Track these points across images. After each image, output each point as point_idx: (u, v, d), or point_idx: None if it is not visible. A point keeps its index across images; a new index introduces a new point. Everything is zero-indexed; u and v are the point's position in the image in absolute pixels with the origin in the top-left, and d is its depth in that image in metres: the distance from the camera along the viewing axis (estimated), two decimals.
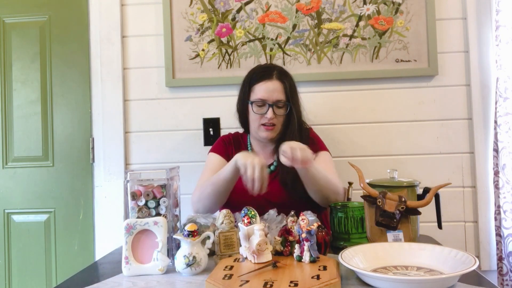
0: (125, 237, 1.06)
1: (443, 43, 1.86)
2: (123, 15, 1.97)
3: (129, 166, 1.96)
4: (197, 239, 1.03)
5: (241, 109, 1.56)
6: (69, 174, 1.99)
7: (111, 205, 1.94)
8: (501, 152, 1.73)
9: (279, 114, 1.47)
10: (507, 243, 1.70)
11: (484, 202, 1.83)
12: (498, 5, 1.74)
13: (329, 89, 1.90)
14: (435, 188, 1.15)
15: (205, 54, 1.92)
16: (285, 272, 0.93)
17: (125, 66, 1.97)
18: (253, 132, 1.55)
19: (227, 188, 1.37)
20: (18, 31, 2.02)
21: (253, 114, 1.50)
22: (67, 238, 1.98)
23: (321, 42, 1.89)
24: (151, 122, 1.95)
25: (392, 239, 1.08)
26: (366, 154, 1.88)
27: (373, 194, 1.12)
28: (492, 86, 1.82)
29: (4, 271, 1.99)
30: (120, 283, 1.00)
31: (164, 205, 1.11)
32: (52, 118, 2.00)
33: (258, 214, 1.07)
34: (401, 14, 1.86)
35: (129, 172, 1.13)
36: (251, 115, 1.51)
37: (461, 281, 0.90)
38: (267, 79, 1.47)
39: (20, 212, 2.00)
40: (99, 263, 1.23)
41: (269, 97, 1.46)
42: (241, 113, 1.57)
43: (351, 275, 0.96)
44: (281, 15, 1.90)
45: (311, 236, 0.97)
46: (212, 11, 1.92)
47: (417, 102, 1.88)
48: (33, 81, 2.01)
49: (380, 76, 1.87)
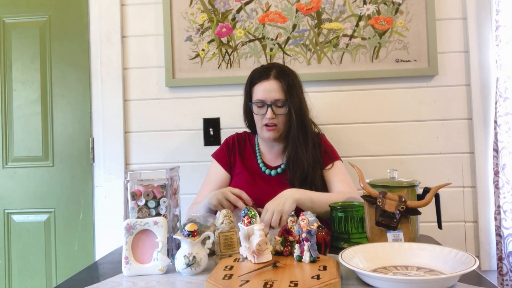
0: (125, 237, 1.06)
1: (443, 43, 1.86)
2: (123, 15, 1.97)
3: (129, 166, 1.96)
4: (197, 239, 1.03)
5: (246, 111, 1.58)
6: (69, 174, 1.99)
7: (111, 205, 1.94)
8: (501, 152, 1.73)
9: (279, 114, 1.47)
10: (507, 243, 1.70)
11: (484, 202, 1.83)
12: (498, 5, 1.74)
13: (329, 89, 1.90)
14: (435, 188, 1.15)
15: (205, 54, 1.92)
16: (285, 272, 0.93)
17: (125, 66, 1.97)
18: (258, 133, 1.57)
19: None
20: (18, 31, 2.02)
21: (255, 115, 1.52)
22: (67, 238, 1.98)
23: (321, 42, 1.89)
24: (151, 122, 1.95)
25: (392, 239, 1.08)
26: (366, 154, 1.88)
27: (373, 194, 1.12)
28: (492, 86, 1.82)
29: (4, 271, 1.99)
30: (120, 283, 1.00)
31: (164, 205, 1.11)
32: (52, 118, 2.00)
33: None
34: (401, 14, 1.86)
35: (129, 172, 1.13)
36: (254, 116, 1.53)
37: (461, 281, 0.90)
38: (264, 79, 1.48)
39: (20, 212, 2.00)
40: (99, 263, 1.23)
41: (267, 97, 1.46)
42: (247, 115, 1.58)
43: (351, 275, 0.96)
44: (281, 15, 1.90)
45: (311, 236, 0.97)
46: (212, 11, 1.91)
47: (417, 102, 1.88)
48: (33, 81, 2.01)
49: (380, 76, 1.87)
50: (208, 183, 1.59)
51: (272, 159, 1.57)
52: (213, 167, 1.61)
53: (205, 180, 1.61)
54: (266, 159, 1.57)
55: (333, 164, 1.53)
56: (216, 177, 1.58)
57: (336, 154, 1.58)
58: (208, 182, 1.59)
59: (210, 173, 1.62)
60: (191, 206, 1.52)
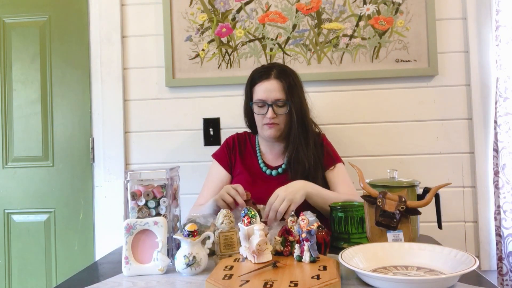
0: (125, 237, 1.06)
1: (443, 43, 1.86)
2: (123, 15, 1.97)
3: (129, 166, 1.96)
4: (197, 239, 1.03)
5: (247, 111, 1.58)
6: (69, 174, 1.99)
7: (111, 205, 1.94)
8: (501, 152, 1.73)
9: (280, 113, 1.47)
10: (507, 243, 1.70)
11: (484, 202, 1.83)
12: (498, 5, 1.74)
13: (329, 89, 1.90)
14: (435, 188, 1.15)
15: (205, 54, 1.92)
16: (285, 272, 0.93)
17: (125, 66, 1.97)
18: (259, 132, 1.57)
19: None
20: (18, 31, 2.02)
21: (256, 115, 1.52)
22: (67, 238, 1.98)
23: (321, 42, 1.88)
24: (151, 122, 1.95)
25: (392, 239, 1.08)
26: (366, 154, 1.88)
27: (373, 194, 1.12)
28: (492, 86, 1.82)
29: (4, 271, 1.99)
30: (120, 283, 1.00)
31: (164, 205, 1.11)
32: (52, 118, 2.00)
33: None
34: (401, 14, 1.86)
35: (129, 172, 1.13)
36: (255, 116, 1.53)
37: (461, 281, 0.90)
38: (265, 79, 1.48)
39: (20, 212, 2.00)
40: (99, 263, 1.23)
41: (267, 97, 1.46)
42: (247, 115, 1.58)
43: (351, 275, 0.96)
44: (281, 15, 1.90)
45: (311, 236, 0.97)
46: (212, 11, 1.91)
47: (417, 102, 1.88)
48: (33, 81, 2.01)
49: (380, 76, 1.87)
50: (209, 183, 1.59)
51: (272, 159, 1.57)
52: (214, 167, 1.62)
53: (206, 181, 1.61)
54: (266, 159, 1.57)
55: (335, 166, 1.54)
56: (217, 177, 1.58)
57: (338, 155, 1.59)
58: (208, 183, 1.59)
59: (210, 174, 1.62)
60: (194, 207, 1.52)
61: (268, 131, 1.50)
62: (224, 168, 1.58)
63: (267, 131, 1.50)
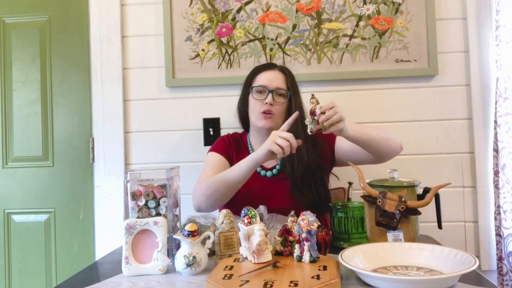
0: (125, 237, 1.06)
1: (443, 43, 1.87)
2: (123, 15, 1.97)
3: (129, 166, 1.96)
4: (197, 239, 1.03)
5: (242, 102, 1.55)
6: (69, 174, 1.99)
7: (111, 205, 1.94)
8: (501, 152, 1.73)
9: (278, 102, 1.46)
10: (507, 243, 1.70)
11: (484, 202, 1.83)
12: (498, 5, 1.74)
13: (329, 89, 1.90)
14: (435, 188, 1.15)
15: (205, 54, 1.92)
16: (285, 272, 0.93)
17: (125, 66, 1.97)
18: (253, 122, 1.52)
19: (239, 184, 1.34)
20: (18, 31, 2.02)
21: (253, 103, 1.49)
22: (67, 238, 1.98)
23: (321, 42, 1.89)
24: (151, 122, 1.95)
25: (392, 239, 1.08)
26: None
27: (373, 194, 1.12)
28: (492, 86, 1.82)
29: (4, 271, 1.99)
30: (120, 283, 1.00)
31: (164, 205, 1.11)
32: (52, 118, 2.00)
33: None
34: (401, 14, 1.86)
35: (129, 172, 1.13)
36: (250, 105, 1.50)
37: (461, 281, 0.90)
38: (269, 69, 1.52)
39: (20, 212, 2.00)
40: (99, 263, 1.23)
41: (270, 83, 1.47)
42: (242, 108, 1.56)
43: (351, 275, 0.96)
44: (281, 15, 1.90)
45: (311, 236, 0.97)
46: (212, 11, 1.92)
47: (417, 102, 1.88)
48: (33, 81, 2.01)
49: (380, 76, 1.87)
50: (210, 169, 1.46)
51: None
52: (214, 156, 1.52)
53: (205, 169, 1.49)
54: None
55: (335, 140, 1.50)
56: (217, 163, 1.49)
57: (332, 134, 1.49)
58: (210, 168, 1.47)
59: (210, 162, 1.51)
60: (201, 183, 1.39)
61: (263, 121, 1.46)
62: (224, 157, 1.52)
63: (262, 121, 1.46)
